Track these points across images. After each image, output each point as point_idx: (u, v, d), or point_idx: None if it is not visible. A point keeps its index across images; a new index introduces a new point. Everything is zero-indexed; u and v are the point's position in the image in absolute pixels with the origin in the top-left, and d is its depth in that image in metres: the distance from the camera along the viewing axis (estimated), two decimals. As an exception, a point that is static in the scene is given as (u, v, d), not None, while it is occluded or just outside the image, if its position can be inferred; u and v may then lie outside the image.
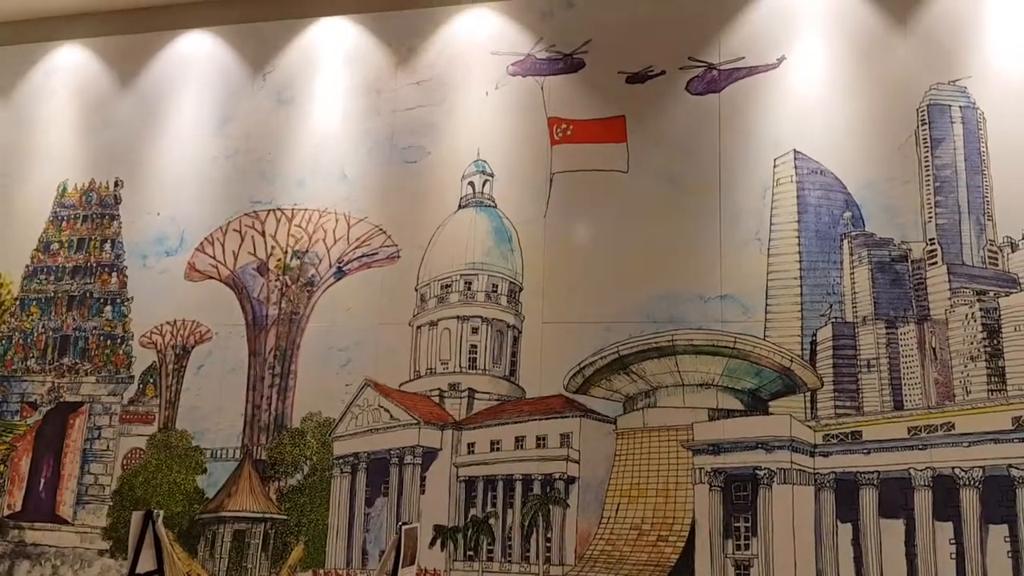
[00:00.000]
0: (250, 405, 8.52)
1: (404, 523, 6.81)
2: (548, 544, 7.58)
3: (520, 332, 8.06)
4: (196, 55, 9.53)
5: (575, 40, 8.32)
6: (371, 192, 8.62)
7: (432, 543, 7.76)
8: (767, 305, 7.57)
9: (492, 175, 8.33)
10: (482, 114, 8.48)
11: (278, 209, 8.87)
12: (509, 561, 7.64)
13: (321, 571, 8.01)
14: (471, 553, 7.72)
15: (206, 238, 9.01)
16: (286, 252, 8.77)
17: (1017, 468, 6.77)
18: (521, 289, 8.12)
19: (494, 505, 7.81)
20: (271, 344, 8.60)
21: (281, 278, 8.72)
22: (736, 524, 7.29)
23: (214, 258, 8.94)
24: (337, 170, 8.76)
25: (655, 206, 7.90)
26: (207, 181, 9.12)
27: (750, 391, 7.56)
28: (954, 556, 6.81)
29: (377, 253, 8.47)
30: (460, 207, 8.38)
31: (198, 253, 8.99)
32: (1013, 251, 7.22)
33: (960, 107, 7.48)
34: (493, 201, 8.31)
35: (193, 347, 8.76)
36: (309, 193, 8.80)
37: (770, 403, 7.48)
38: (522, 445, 7.85)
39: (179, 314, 8.87)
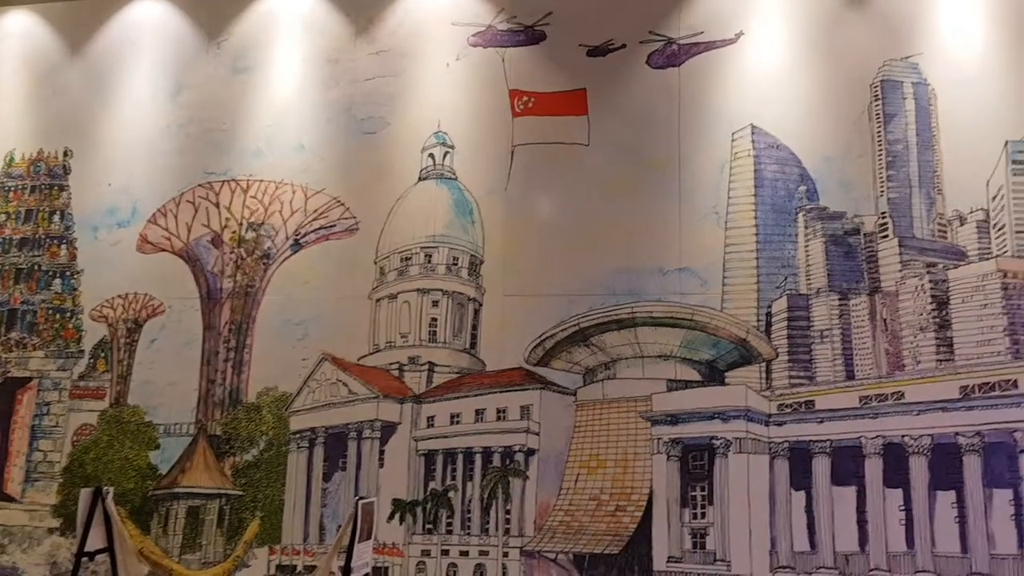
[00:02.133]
0: (204, 380, 8.41)
1: (361, 498, 6.80)
2: (508, 516, 7.63)
3: (481, 305, 8.08)
4: (148, 22, 9.33)
5: (536, 12, 8.32)
6: (329, 163, 8.54)
7: (391, 517, 7.77)
8: (724, 278, 7.69)
9: (453, 147, 8.31)
10: (443, 85, 8.45)
11: (233, 180, 8.75)
12: (469, 533, 7.68)
13: (277, 547, 7.97)
14: (430, 526, 7.74)
15: (159, 209, 8.85)
16: (241, 224, 8.65)
17: (964, 436, 6.99)
18: (482, 262, 8.13)
19: (454, 478, 7.83)
20: (226, 318, 8.50)
21: (236, 250, 8.61)
22: (693, 493, 7.42)
23: (167, 230, 8.79)
24: (294, 141, 8.66)
25: (616, 179, 7.96)
26: (160, 151, 8.96)
27: (707, 362, 7.68)
28: (903, 522, 7.02)
29: (335, 225, 8.41)
30: (420, 179, 8.36)
31: (151, 225, 8.83)
32: (961, 224, 7.43)
33: (912, 83, 7.65)
34: (454, 173, 8.30)
35: (146, 321, 8.61)
36: (265, 164, 8.69)
37: (726, 374, 7.62)
38: (482, 418, 7.88)
39: (131, 287, 8.72)
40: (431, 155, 8.33)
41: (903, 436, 7.14)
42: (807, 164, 7.74)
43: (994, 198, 7.35)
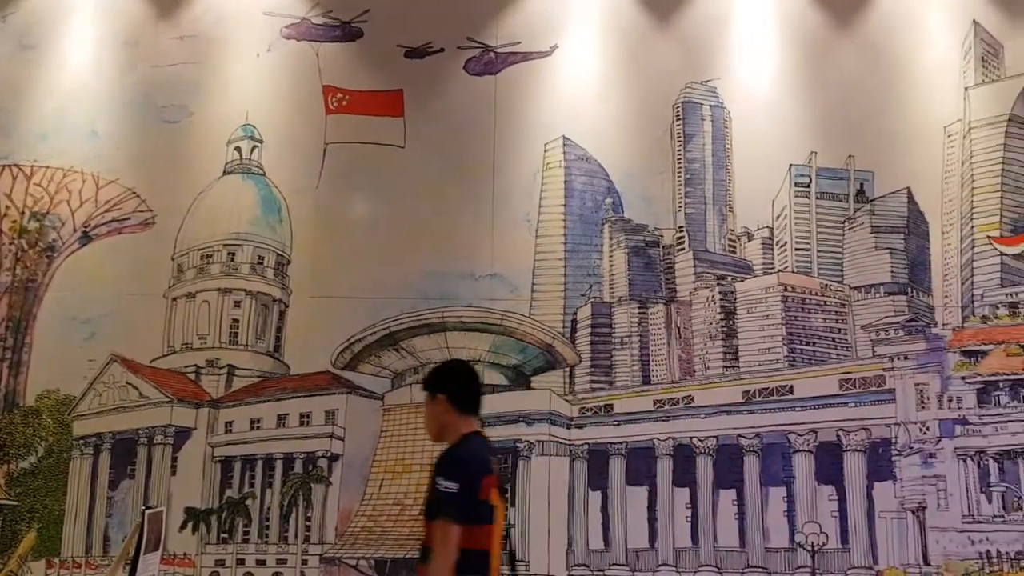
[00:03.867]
0: (-26, 382, 7.71)
1: (148, 507, 6.45)
2: (308, 523, 7.51)
3: (287, 306, 7.90)
4: (-85, -17, 8.42)
5: (353, 8, 8.24)
6: (125, 152, 8.06)
7: (183, 526, 7.45)
8: (534, 284, 7.93)
9: (261, 141, 8.07)
10: (252, 76, 8.19)
11: (15, 165, 8.07)
12: (266, 542, 7.49)
13: (56, 560, 7.43)
14: (225, 535, 7.48)
15: (-77, 193, 8.02)
16: (23, 213, 8.00)
17: (745, 437, 7.57)
18: (289, 262, 7.96)
19: (252, 485, 7.62)
20: (3, 314, 7.85)
21: (16, 241, 7.95)
22: (496, 496, 7.58)
23: (-67, 216, 7.98)
24: (86, 126, 8.10)
25: (430, 183, 8.00)
26: (-73, 129, 8.11)
27: (515, 367, 7.89)
28: (689, 519, 7.51)
29: (129, 218, 7.94)
30: (225, 173, 8.06)
31: (-87, 209, 7.98)
32: (749, 240, 8.05)
33: (710, 106, 8.20)
34: (261, 168, 8.06)
35: (-97, 316, 7.78)
36: (53, 149, 8.08)
37: (532, 378, 7.86)
38: (285, 423, 7.71)
39: None
40: (237, 148, 8.06)
41: (691, 438, 7.64)
42: (613, 177, 8.12)
43: (778, 217, 8.01)
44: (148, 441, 7.64)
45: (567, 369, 7.87)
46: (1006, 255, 7.66)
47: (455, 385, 3.61)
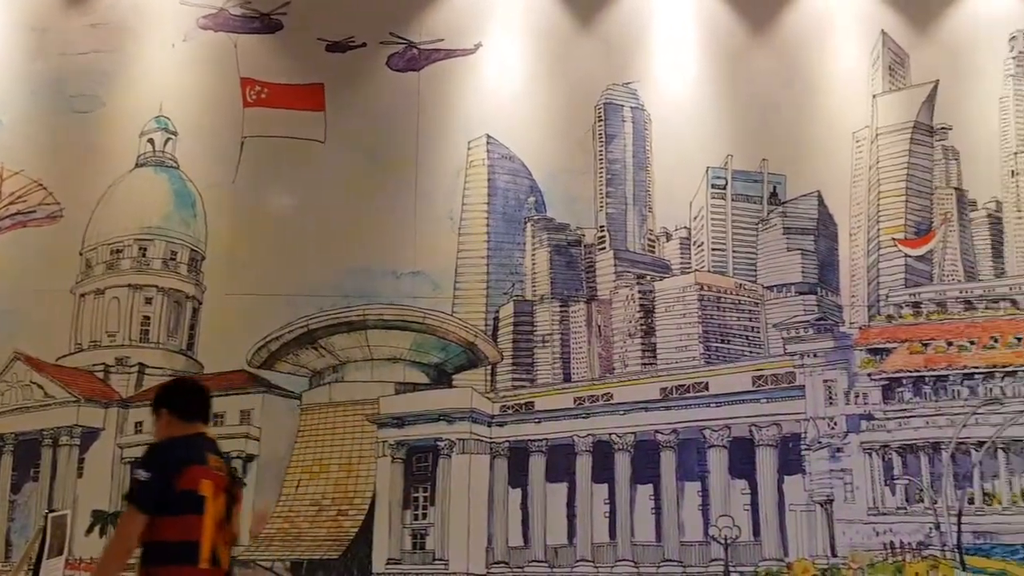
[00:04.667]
0: None
1: (52, 510, 6.27)
2: (223, 525, 7.35)
3: (201, 303, 7.76)
4: None
5: (273, 0, 8.11)
6: (31, 142, 7.80)
7: (90, 530, 7.24)
8: (456, 282, 7.96)
9: (176, 133, 7.91)
10: (167, 67, 8.02)
11: (-91, 153, 7.72)
12: (178, 545, 7.31)
13: (-50, 570, 7.14)
14: (135, 539, 7.28)
15: None
16: (-82, 204, 7.65)
17: (662, 433, 7.75)
18: (203, 258, 7.82)
19: (164, 486, 7.43)
20: None
21: (-90, 234, 7.61)
22: (416, 495, 7.61)
23: None
24: (-11, 114, 7.79)
25: (351, 179, 7.96)
26: None
27: (436, 365, 7.91)
28: (608, 515, 7.65)
29: (35, 211, 7.68)
30: (137, 165, 7.88)
31: None
32: (668, 240, 8.25)
33: (631, 108, 8.37)
34: (175, 161, 7.90)
35: None
36: (-49, 137, 7.74)
37: (454, 376, 7.90)
38: (199, 422, 7.54)
39: None
40: (151, 140, 7.87)
41: (610, 434, 7.78)
42: (536, 176, 8.21)
43: (695, 218, 8.23)
44: (53, 442, 7.41)
45: (489, 367, 7.92)
46: (910, 256, 8.03)
47: (175, 400, 3.69)
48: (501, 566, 7.44)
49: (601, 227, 8.21)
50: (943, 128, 8.21)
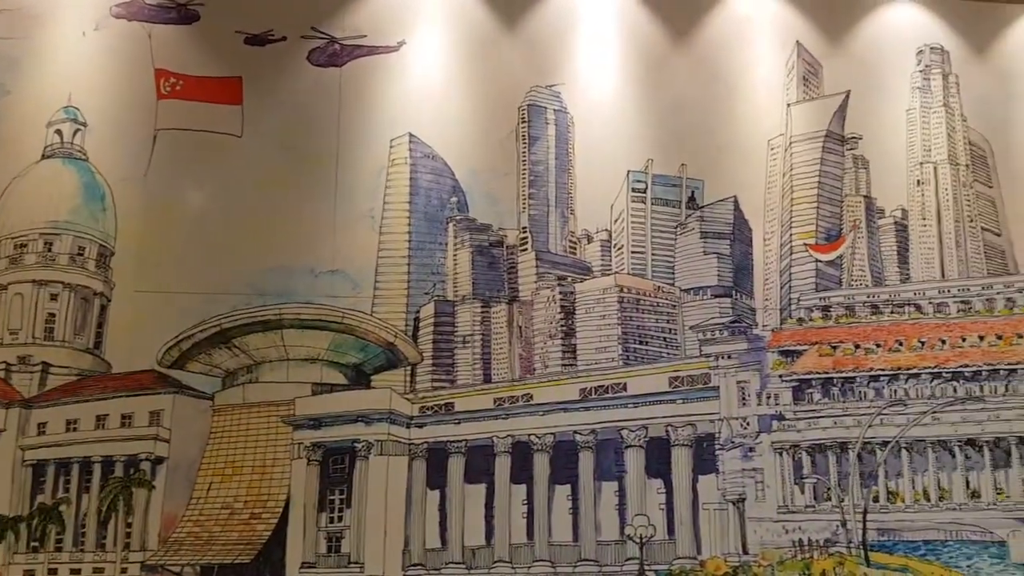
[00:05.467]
0: None
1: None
2: (129, 529, 7.22)
3: (109, 301, 7.58)
4: None
5: (190, -10, 7.97)
6: (-73, 129, 7.48)
7: (-13, 536, 6.97)
8: (376, 282, 7.94)
9: (85, 124, 7.70)
10: (78, 56, 7.80)
11: None
12: (82, 550, 7.15)
13: None
14: (36, 544, 7.07)
15: None
16: None
17: (581, 434, 7.86)
18: (113, 253, 7.63)
19: (67, 490, 7.27)
20: None
21: None
22: (332, 497, 7.57)
23: None
24: None
25: (269, 175, 7.87)
26: None
27: (354, 365, 7.88)
28: (526, 516, 7.73)
29: (-69, 202, 7.38)
30: (44, 157, 7.65)
31: None
32: (589, 243, 8.38)
33: (554, 110, 8.48)
34: (84, 154, 7.68)
35: None
36: None
37: (373, 377, 7.88)
38: (104, 424, 7.40)
39: None
40: (58, 131, 7.64)
41: (530, 435, 7.87)
42: (459, 176, 8.25)
43: (616, 221, 8.38)
44: (-54, 445, 7.14)
45: (409, 368, 7.92)
46: (821, 261, 8.33)
47: None
48: (418, 568, 7.44)
49: (523, 228, 8.30)
50: (853, 137, 8.56)
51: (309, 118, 8.05)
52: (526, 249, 8.29)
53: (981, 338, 7.96)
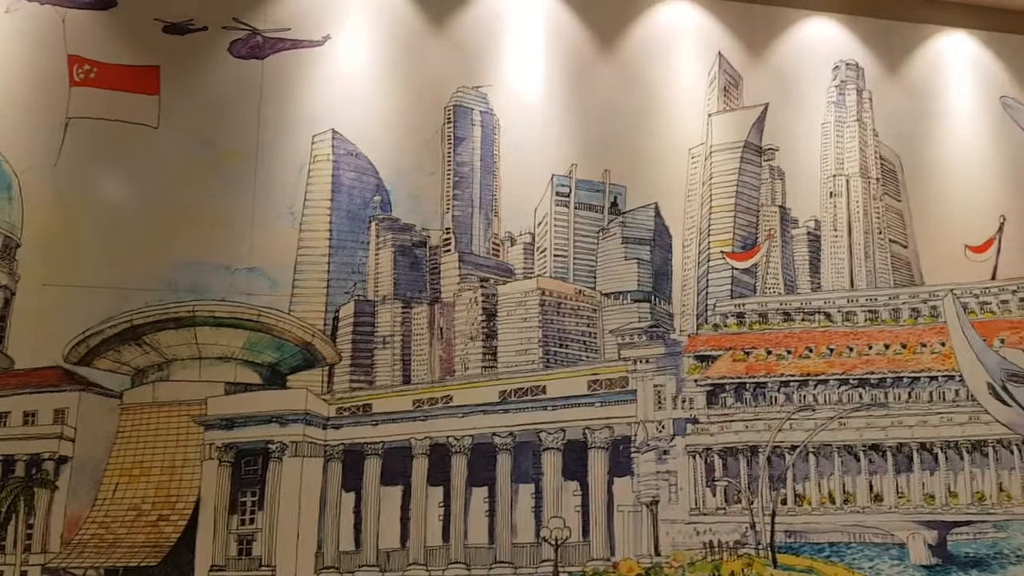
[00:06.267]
0: None
1: None
2: (30, 531, 7.02)
3: (13, 294, 7.35)
4: None
5: (106, -25, 7.80)
6: None
7: None
8: (295, 280, 7.89)
9: (-9, 110, 7.45)
10: (-16, 39, 7.54)
11: None
12: (-23, 554, 6.92)
13: None
14: (-74, 548, 6.84)
15: None
16: None
17: (499, 436, 7.96)
18: (19, 245, 7.40)
19: (-38, 491, 7.01)
20: None
21: None
22: (243, 499, 7.49)
23: None
24: None
25: (186, 168, 7.76)
26: None
27: (270, 365, 7.81)
28: (442, 518, 7.78)
29: None
30: (-56, 143, 7.36)
31: None
32: (512, 245, 8.48)
33: (480, 112, 8.55)
34: (-11, 140, 7.43)
35: None
36: None
37: (289, 377, 7.82)
38: (6, 422, 7.18)
39: None
40: (-39, 116, 7.39)
41: (448, 437, 7.92)
42: (383, 175, 8.25)
43: (540, 224, 8.50)
44: None
45: (326, 368, 7.89)
46: (736, 269, 8.61)
47: None
48: (331, 571, 7.43)
49: (447, 229, 8.35)
50: (771, 149, 8.87)
51: (229, 111, 7.95)
52: (449, 250, 8.34)
53: (887, 346, 8.35)
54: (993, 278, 9.01)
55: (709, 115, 8.77)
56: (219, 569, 7.26)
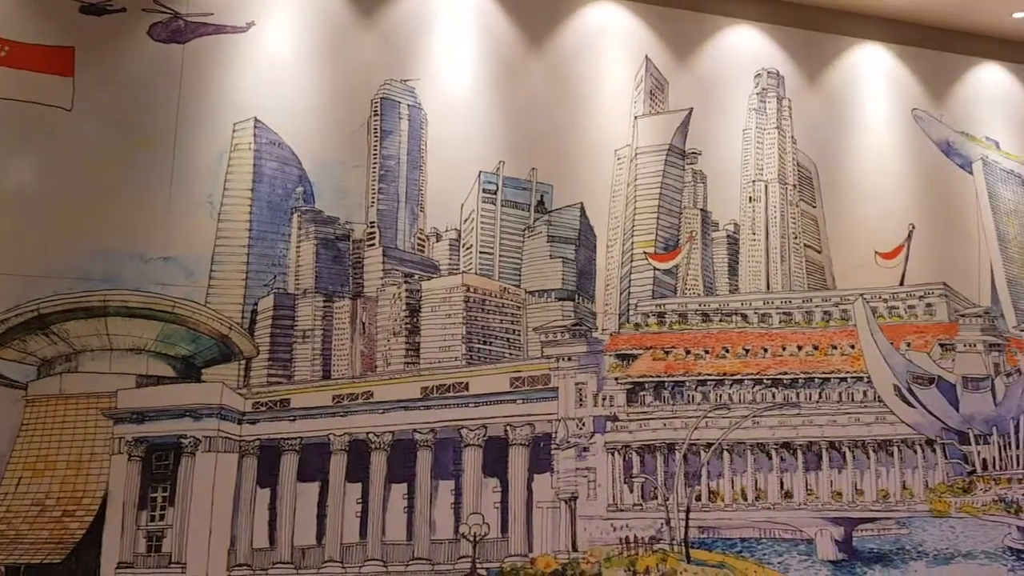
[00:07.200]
0: None
1: None
2: (-79, 529, 6.77)
3: (-91, 279, 7.06)
4: None
5: (17, -51, 7.56)
6: None
7: None
8: (212, 271, 7.78)
9: None
10: None
11: None
12: None
13: None
14: None
15: None
16: None
17: (420, 432, 8.01)
18: (-82, 228, 7.13)
19: None
20: None
21: None
22: (154, 495, 7.36)
23: None
24: None
25: (100, 153, 7.57)
26: None
27: (184, 358, 7.69)
28: (359, 514, 7.79)
29: None
30: None
31: None
32: (437, 241, 8.53)
33: (408, 105, 8.57)
34: None
35: None
36: None
37: (204, 370, 7.72)
38: (-102, 413, 6.89)
39: None
40: None
41: (368, 433, 7.94)
42: (306, 166, 8.20)
43: (466, 220, 8.58)
44: None
45: (243, 362, 7.81)
46: (658, 270, 8.85)
47: None
48: (244, 568, 7.37)
49: (371, 223, 8.35)
50: (694, 153, 9.14)
51: (147, 96, 7.78)
52: (373, 244, 8.34)
53: (799, 348, 8.71)
54: (901, 284, 9.47)
55: (635, 118, 8.98)
56: (127, 566, 7.13)
